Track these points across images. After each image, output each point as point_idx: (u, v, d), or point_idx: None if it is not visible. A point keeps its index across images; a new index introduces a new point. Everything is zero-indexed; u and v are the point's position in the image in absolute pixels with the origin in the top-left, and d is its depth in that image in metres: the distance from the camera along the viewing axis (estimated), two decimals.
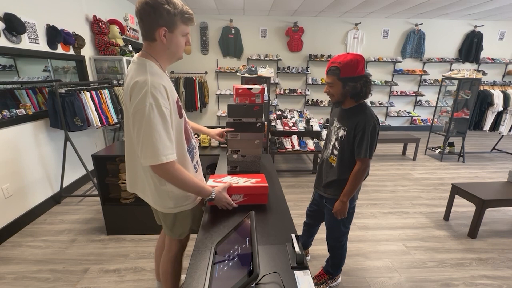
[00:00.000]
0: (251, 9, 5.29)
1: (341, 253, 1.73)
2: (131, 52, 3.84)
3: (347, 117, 1.48)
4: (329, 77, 1.44)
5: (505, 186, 2.54)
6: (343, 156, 1.50)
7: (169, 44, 1.02)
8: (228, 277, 0.80)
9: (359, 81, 1.37)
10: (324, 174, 1.62)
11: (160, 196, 1.17)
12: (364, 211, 2.82)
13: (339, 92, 1.43)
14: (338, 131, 1.52)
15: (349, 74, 1.37)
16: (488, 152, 4.88)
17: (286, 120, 4.11)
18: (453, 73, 4.27)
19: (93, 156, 2.13)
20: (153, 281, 1.84)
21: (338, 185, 1.52)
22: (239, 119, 1.64)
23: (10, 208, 2.36)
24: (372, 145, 1.39)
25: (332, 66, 1.40)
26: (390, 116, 6.60)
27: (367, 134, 1.37)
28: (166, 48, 1.03)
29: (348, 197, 1.48)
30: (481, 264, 2.05)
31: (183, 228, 1.31)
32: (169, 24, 0.97)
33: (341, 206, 1.51)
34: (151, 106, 0.94)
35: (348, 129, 1.45)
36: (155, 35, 0.99)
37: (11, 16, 2.31)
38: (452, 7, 4.89)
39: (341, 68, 1.37)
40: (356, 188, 1.47)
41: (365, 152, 1.39)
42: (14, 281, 1.84)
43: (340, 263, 1.76)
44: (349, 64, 1.35)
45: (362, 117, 1.40)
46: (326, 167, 1.61)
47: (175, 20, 0.98)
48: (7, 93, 2.76)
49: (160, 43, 1.01)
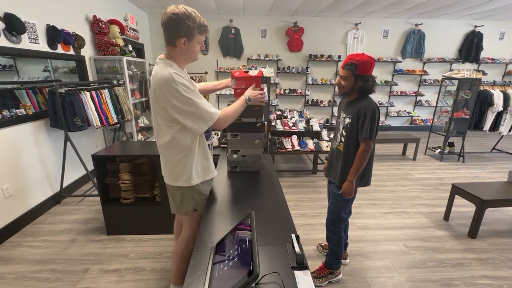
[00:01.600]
0: (251, 9, 5.29)
1: (339, 240, 1.80)
2: (131, 52, 3.84)
3: (352, 106, 1.63)
4: (345, 71, 1.58)
5: (505, 186, 2.54)
6: (349, 141, 1.64)
7: (187, 51, 1.25)
8: (228, 277, 0.80)
9: (369, 80, 1.55)
10: (334, 162, 1.76)
11: (181, 169, 1.35)
12: (364, 211, 2.82)
13: (350, 85, 1.59)
14: (344, 120, 1.67)
15: (362, 72, 1.53)
16: (488, 152, 4.89)
17: (286, 120, 4.11)
18: (453, 73, 4.27)
19: (93, 156, 2.13)
20: (153, 281, 1.85)
21: (346, 171, 1.65)
22: (239, 119, 1.65)
23: (10, 208, 2.36)
24: (372, 127, 1.53)
25: (349, 62, 1.55)
26: (390, 116, 6.60)
27: (368, 117, 1.52)
28: (184, 53, 1.26)
29: (355, 177, 1.61)
30: (481, 264, 2.05)
31: (188, 206, 1.45)
32: (188, 36, 1.21)
33: (348, 185, 1.63)
34: (182, 88, 1.17)
35: (352, 116, 1.60)
36: (176, 43, 1.21)
37: (11, 16, 2.31)
38: (452, 7, 4.89)
39: (358, 66, 1.52)
40: (361, 168, 1.60)
41: (366, 133, 1.53)
42: (14, 281, 1.84)
43: (338, 253, 1.83)
44: (365, 63, 1.52)
45: (363, 103, 1.56)
46: (335, 155, 1.75)
47: (193, 32, 1.21)
48: (7, 93, 2.76)
49: (180, 49, 1.23)
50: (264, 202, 1.40)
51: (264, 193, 1.51)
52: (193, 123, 1.24)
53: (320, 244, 2.21)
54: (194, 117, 1.23)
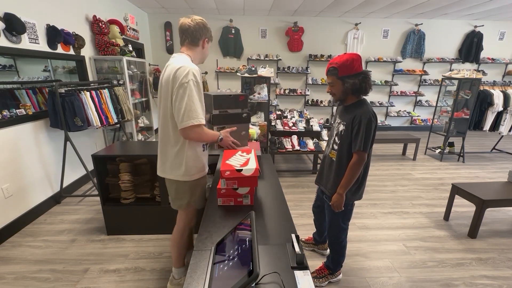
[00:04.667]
0: (251, 9, 5.29)
1: (340, 250, 1.77)
2: (131, 52, 3.84)
3: (346, 113, 1.56)
4: (329, 78, 1.54)
5: (505, 186, 2.54)
6: (342, 151, 1.56)
7: (205, 50, 1.49)
8: (228, 277, 0.80)
9: (358, 77, 1.45)
10: (326, 170, 1.70)
11: (177, 162, 1.45)
12: (364, 211, 2.82)
13: (340, 90, 1.52)
14: (338, 126, 1.60)
15: (346, 73, 1.46)
16: (488, 152, 4.88)
17: (286, 120, 4.10)
18: (453, 73, 4.27)
19: (93, 156, 2.13)
20: (153, 281, 1.85)
21: (338, 182, 1.57)
22: (224, 111, 1.62)
23: (10, 208, 2.36)
24: (367, 139, 1.45)
25: (330, 67, 1.51)
26: (390, 116, 6.60)
27: (363, 127, 1.44)
28: (202, 52, 1.48)
29: (345, 190, 1.53)
30: (481, 264, 2.05)
31: (181, 200, 1.55)
32: (209, 37, 1.48)
33: (338, 199, 1.56)
34: (192, 81, 1.30)
35: (346, 123, 1.52)
36: (199, 43, 1.43)
37: (11, 16, 2.31)
38: (452, 7, 4.89)
39: (339, 68, 1.47)
40: (352, 181, 1.52)
41: (360, 144, 1.45)
42: (14, 281, 1.84)
43: (340, 259, 1.81)
44: (345, 63, 1.45)
45: (359, 111, 1.47)
46: (327, 163, 1.70)
47: (211, 35, 1.48)
48: (7, 93, 2.76)
49: (201, 48, 1.46)
50: (264, 202, 1.40)
51: (264, 193, 1.51)
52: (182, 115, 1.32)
53: (303, 240, 2.21)
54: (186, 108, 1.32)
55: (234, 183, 1.30)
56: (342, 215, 1.66)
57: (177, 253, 1.71)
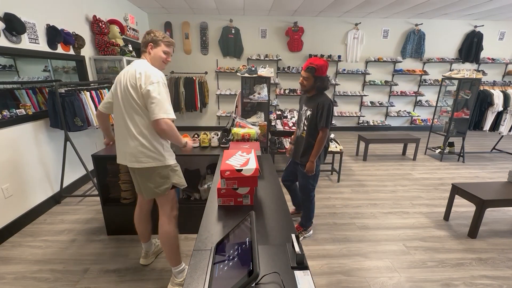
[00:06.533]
0: (251, 9, 5.29)
1: (311, 206, 2.27)
2: (131, 52, 3.84)
3: (311, 101, 2.06)
4: (306, 73, 1.99)
5: (505, 186, 2.54)
6: (310, 130, 2.08)
7: (154, 54, 1.58)
8: (228, 277, 0.80)
9: (325, 80, 2.00)
10: (299, 147, 2.18)
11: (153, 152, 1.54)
12: (364, 211, 2.82)
13: (311, 84, 2.02)
14: (306, 112, 2.10)
15: (320, 74, 1.97)
16: (488, 152, 4.88)
17: (286, 120, 4.10)
18: (453, 73, 4.27)
19: (93, 156, 2.13)
20: (153, 281, 1.85)
21: (309, 154, 2.08)
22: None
23: (10, 208, 2.36)
24: (328, 118, 1.97)
25: (310, 66, 1.95)
26: (390, 116, 6.60)
27: (325, 110, 1.95)
28: (151, 57, 1.58)
29: (315, 158, 2.05)
30: (481, 264, 2.05)
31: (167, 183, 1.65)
32: (153, 42, 1.57)
33: (310, 165, 2.07)
34: (163, 82, 1.49)
35: (312, 109, 2.03)
36: (146, 49, 1.57)
37: (11, 16, 2.31)
38: (452, 7, 4.89)
39: (317, 69, 1.94)
40: (319, 151, 2.05)
41: (323, 122, 1.97)
42: (14, 281, 1.84)
43: (310, 214, 2.30)
44: (322, 67, 1.95)
45: (321, 99, 2.00)
46: (300, 141, 2.19)
47: (152, 39, 1.56)
48: (7, 93, 2.76)
49: (147, 54, 1.58)
50: (264, 202, 1.40)
51: (264, 193, 1.51)
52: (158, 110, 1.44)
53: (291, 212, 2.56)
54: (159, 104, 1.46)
55: (234, 183, 1.30)
56: (313, 177, 2.15)
57: (171, 251, 1.72)
